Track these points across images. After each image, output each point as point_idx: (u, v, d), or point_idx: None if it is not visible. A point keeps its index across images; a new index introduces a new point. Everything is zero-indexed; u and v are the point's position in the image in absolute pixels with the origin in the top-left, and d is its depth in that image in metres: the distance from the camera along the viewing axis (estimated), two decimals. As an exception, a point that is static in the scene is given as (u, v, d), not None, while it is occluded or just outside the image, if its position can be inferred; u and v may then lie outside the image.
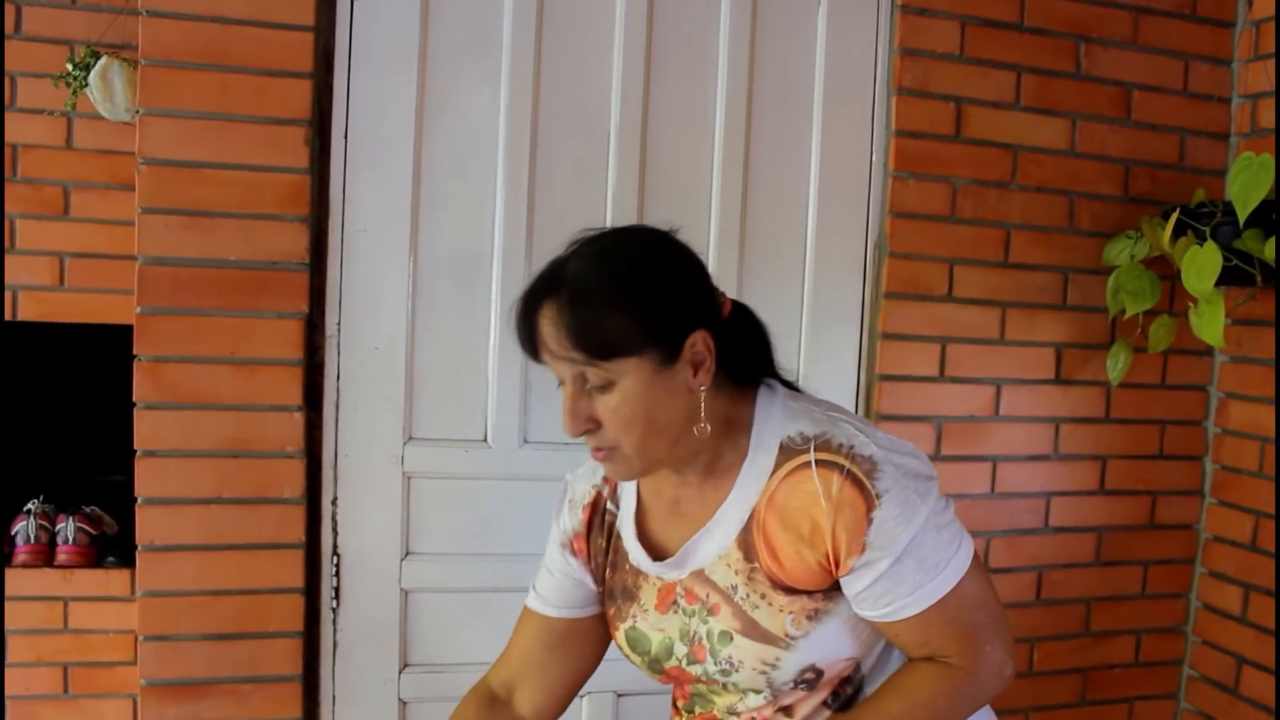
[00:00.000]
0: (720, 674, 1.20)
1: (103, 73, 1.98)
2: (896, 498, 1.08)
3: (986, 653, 1.14)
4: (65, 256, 2.20)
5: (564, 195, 1.94)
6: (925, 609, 1.10)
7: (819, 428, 1.14)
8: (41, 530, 2.17)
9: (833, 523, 1.09)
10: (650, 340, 1.09)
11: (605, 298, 1.08)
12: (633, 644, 1.29)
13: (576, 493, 1.36)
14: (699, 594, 1.20)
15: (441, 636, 1.96)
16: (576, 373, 1.11)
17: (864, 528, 1.08)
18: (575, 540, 1.33)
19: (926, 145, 2.06)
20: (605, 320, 1.07)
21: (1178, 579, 2.35)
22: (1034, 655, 2.26)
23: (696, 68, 1.98)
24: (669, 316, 1.10)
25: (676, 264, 1.16)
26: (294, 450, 1.81)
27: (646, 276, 1.11)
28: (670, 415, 1.12)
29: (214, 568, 1.80)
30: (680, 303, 1.12)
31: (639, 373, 1.09)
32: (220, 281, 1.76)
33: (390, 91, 1.85)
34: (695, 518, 1.21)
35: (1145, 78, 2.20)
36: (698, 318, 1.13)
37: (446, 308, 1.90)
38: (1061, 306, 2.18)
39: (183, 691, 1.81)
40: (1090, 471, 2.25)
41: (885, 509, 1.08)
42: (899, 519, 1.08)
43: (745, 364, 1.22)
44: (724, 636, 1.18)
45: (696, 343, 1.11)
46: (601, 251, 1.13)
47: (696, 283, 1.16)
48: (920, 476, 1.12)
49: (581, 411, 1.12)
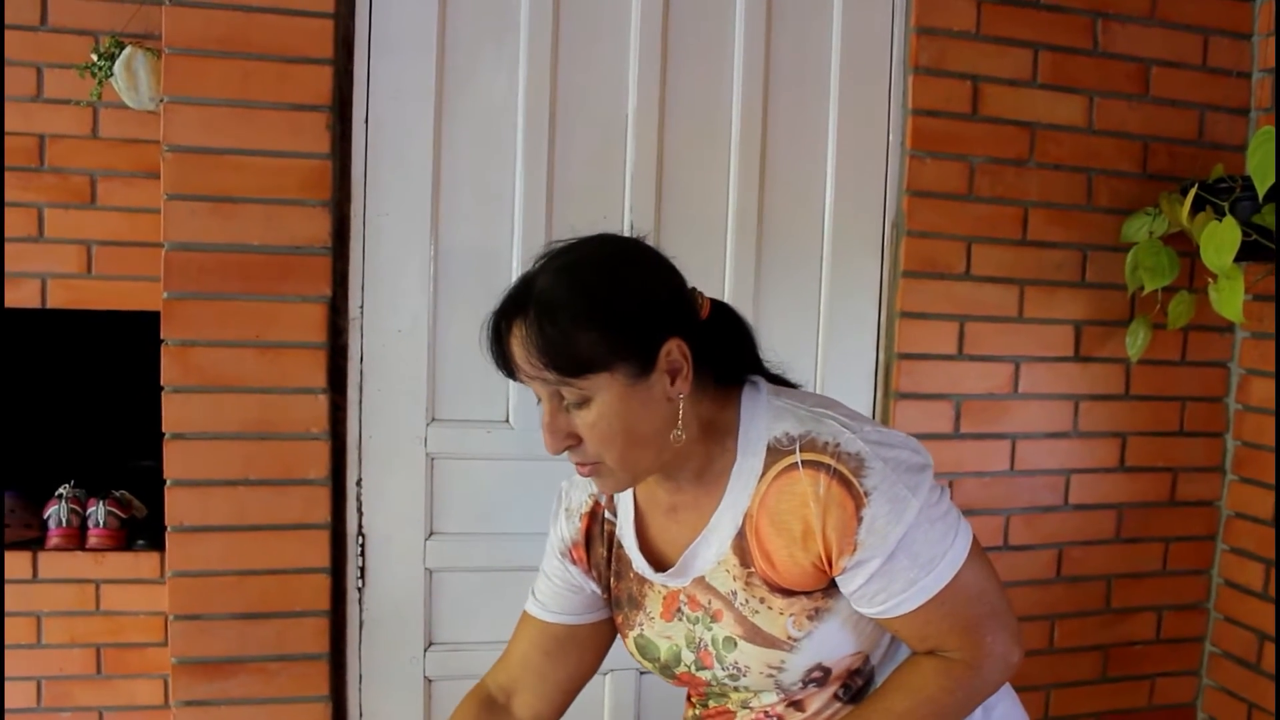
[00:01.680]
0: (729, 679, 1.20)
1: (127, 62, 2.00)
2: (886, 494, 1.06)
3: (988, 644, 1.12)
4: (93, 245, 2.23)
5: (582, 177, 1.95)
6: (921, 605, 1.09)
7: (804, 426, 1.11)
8: (73, 514, 2.21)
9: (822, 523, 1.08)
10: (622, 353, 1.07)
11: (573, 314, 1.06)
12: (642, 651, 1.28)
13: (573, 501, 1.34)
14: (701, 601, 1.19)
15: (465, 615, 1.98)
16: (551, 390, 1.09)
17: (854, 527, 1.06)
18: (574, 549, 1.32)
19: (944, 124, 2.06)
20: (574, 337, 1.05)
21: (1199, 555, 2.35)
22: (1054, 633, 2.26)
23: (713, 49, 1.99)
24: (640, 328, 1.08)
25: (645, 273, 1.12)
26: (319, 432, 1.84)
27: (614, 289, 1.08)
28: (651, 426, 1.10)
29: (241, 548, 1.83)
30: (650, 312, 1.09)
31: (614, 387, 1.07)
32: (245, 266, 1.79)
33: (409, 76, 1.87)
34: (693, 524, 1.19)
35: (1164, 53, 2.19)
36: (670, 325, 1.10)
37: (467, 290, 1.92)
38: (1080, 284, 2.18)
39: (212, 670, 1.85)
40: (1110, 448, 2.25)
41: (875, 506, 1.06)
42: (889, 516, 1.06)
43: (728, 364, 1.20)
44: (728, 643, 1.17)
45: (671, 350, 1.09)
46: (567, 266, 1.10)
47: (666, 289, 1.13)
48: (911, 468, 1.09)
49: (560, 428, 1.11)
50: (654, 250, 1.16)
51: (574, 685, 1.37)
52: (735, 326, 1.23)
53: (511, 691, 1.36)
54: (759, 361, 1.25)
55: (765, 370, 1.25)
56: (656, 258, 1.15)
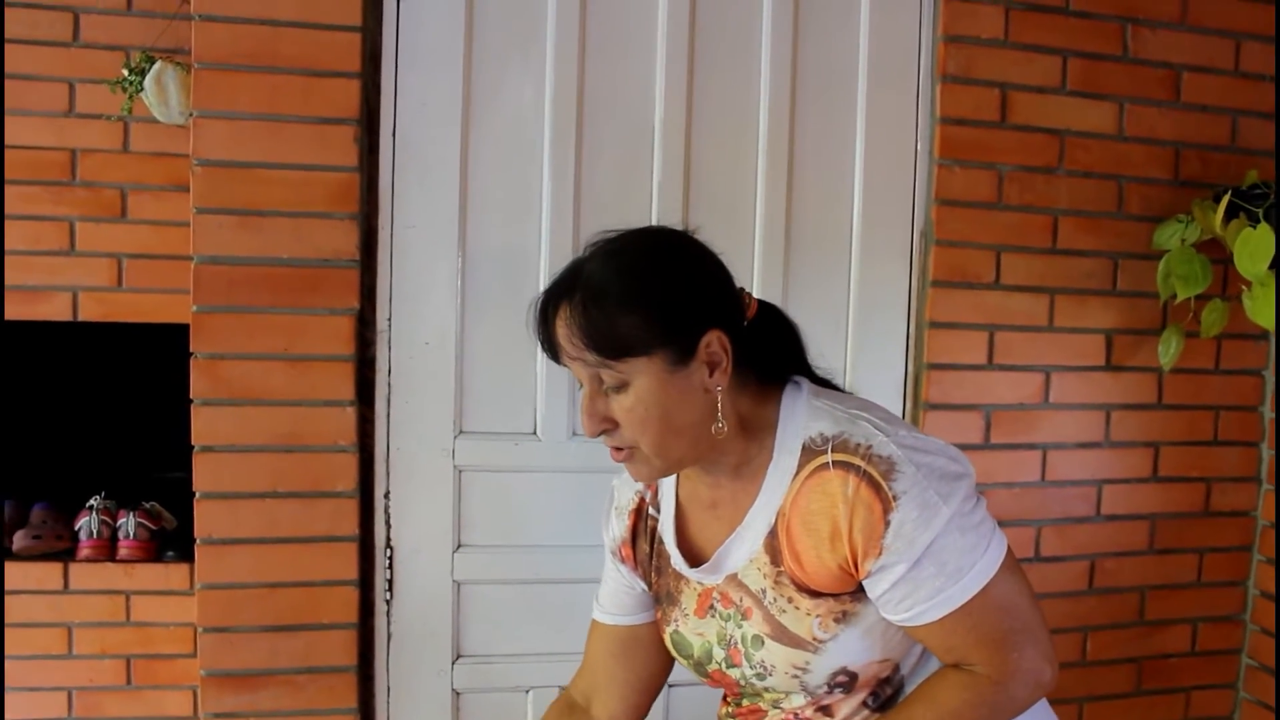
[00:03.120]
0: (756, 678, 1.20)
1: (157, 77, 2.02)
2: (915, 499, 1.06)
3: (1014, 661, 1.10)
4: (123, 258, 2.25)
5: (609, 189, 1.95)
6: (947, 614, 1.08)
7: (838, 427, 1.12)
8: (104, 525, 2.23)
9: (849, 525, 1.08)
10: (662, 339, 1.09)
11: (617, 298, 1.09)
12: (677, 647, 1.30)
13: (621, 499, 1.37)
14: (733, 598, 1.20)
15: (493, 628, 1.98)
16: (592, 373, 1.12)
17: (881, 530, 1.06)
18: (623, 547, 1.35)
19: (972, 132, 2.04)
20: (616, 320, 1.08)
21: (1235, 566, 2.32)
22: (1087, 645, 2.24)
23: (740, 58, 1.98)
24: (681, 316, 1.10)
25: (691, 264, 1.15)
26: (347, 444, 1.84)
27: (658, 276, 1.11)
28: (686, 415, 1.12)
29: (270, 561, 1.83)
30: (693, 302, 1.12)
31: (652, 372, 1.09)
32: (273, 279, 1.79)
33: (436, 89, 1.87)
34: (729, 520, 1.21)
35: (1195, 58, 2.16)
36: (713, 318, 1.12)
37: (494, 302, 1.92)
38: (1111, 292, 2.16)
39: (241, 682, 1.85)
40: (1143, 458, 2.22)
41: (903, 511, 1.06)
42: (917, 521, 1.06)
43: (773, 363, 1.21)
44: (756, 641, 1.18)
45: (711, 342, 1.11)
46: (615, 252, 1.14)
47: (712, 283, 1.15)
48: (946, 476, 1.09)
49: (598, 411, 1.13)
50: (703, 244, 1.18)
51: (647, 685, 1.39)
52: (782, 328, 1.24)
53: (590, 696, 1.40)
54: (805, 363, 1.25)
55: (812, 373, 1.25)
56: (704, 251, 1.17)
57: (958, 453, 1.13)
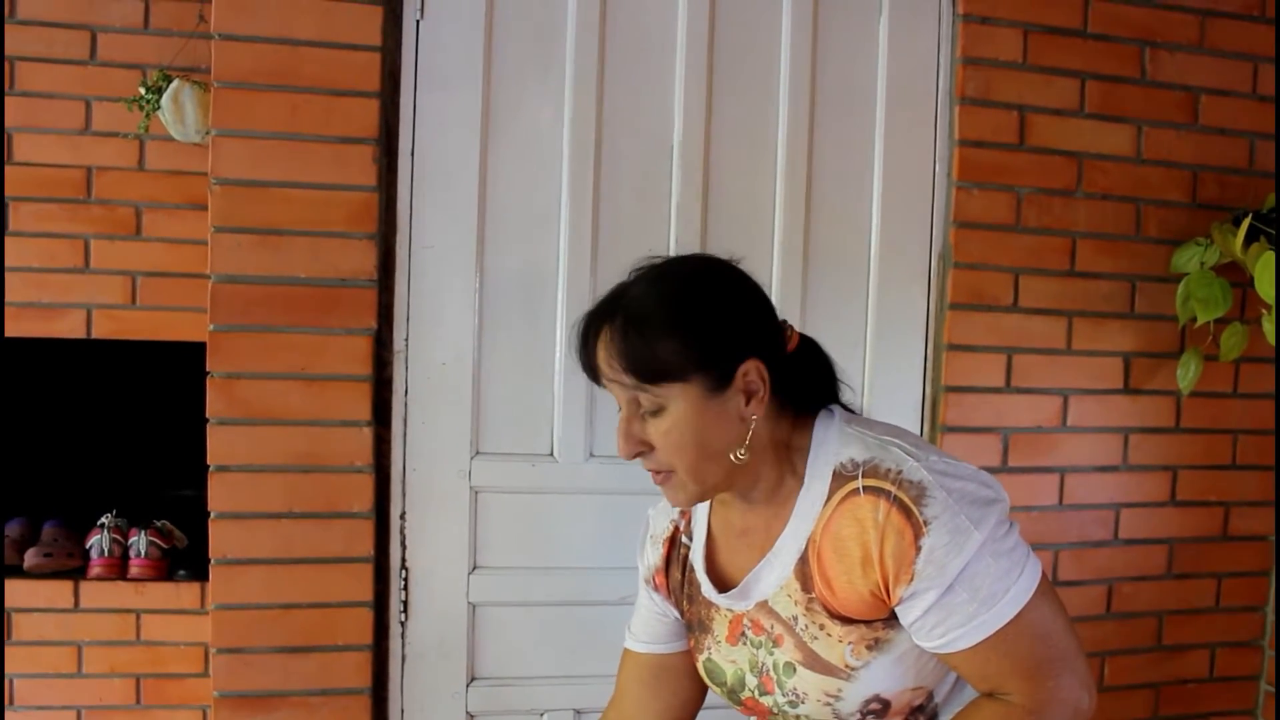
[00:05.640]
0: (789, 705, 1.19)
1: (174, 95, 2.03)
2: (946, 525, 1.05)
3: (1050, 689, 1.08)
4: (137, 275, 2.25)
5: (628, 210, 1.94)
6: (980, 641, 1.06)
7: (869, 453, 1.12)
8: (115, 544, 2.22)
9: (880, 550, 1.07)
10: (699, 366, 1.09)
11: (657, 323, 1.10)
12: (710, 675, 1.29)
13: (656, 528, 1.37)
14: (765, 625, 1.19)
15: (508, 650, 1.96)
16: (630, 396, 1.12)
17: (912, 556, 1.05)
18: (656, 575, 1.35)
19: (990, 154, 2.04)
20: (656, 345, 1.09)
21: (1253, 591, 2.30)
22: (1105, 670, 2.21)
23: (758, 80, 1.98)
24: (720, 343, 1.11)
25: (732, 293, 1.16)
26: (363, 465, 1.83)
27: (699, 303, 1.12)
28: (721, 441, 1.13)
29: (285, 581, 1.82)
30: (733, 331, 1.12)
31: (689, 398, 1.10)
32: (291, 299, 1.79)
33: (455, 109, 1.87)
34: (760, 547, 1.20)
35: (1213, 81, 2.16)
36: (751, 347, 1.12)
37: (512, 323, 1.91)
38: (1129, 315, 2.15)
39: (254, 704, 1.83)
40: (1161, 482, 2.21)
41: (934, 536, 1.05)
42: (949, 547, 1.04)
43: (808, 394, 1.22)
44: (788, 668, 1.17)
45: (750, 371, 1.11)
46: (658, 278, 1.15)
47: (753, 313, 1.16)
48: (977, 501, 1.07)
49: (634, 434, 1.14)
50: (746, 275, 1.18)
51: (679, 715, 1.38)
52: (820, 362, 1.25)
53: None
54: (837, 395, 1.25)
55: (842, 404, 1.25)
56: (747, 282, 1.18)
57: (990, 479, 1.11)
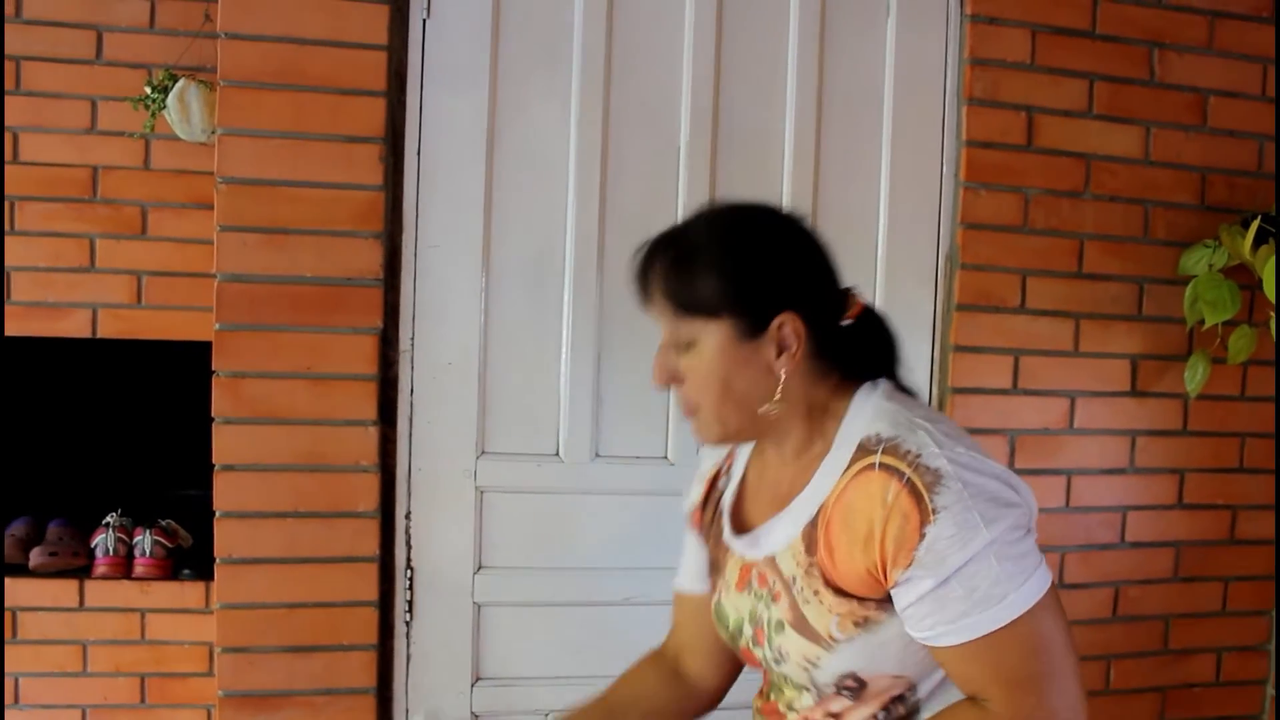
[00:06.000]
0: (774, 662, 1.20)
1: (180, 95, 2.03)
2: (955, 516, 1.01)
3: (1030, 706, 1.03)
4: (143, 275, 2.25)
5: (635, 209, 1.94)
6: (967, 642, 1.03)
7: (895, 431, 1.08)
8: (120, 543, 2.22)
9: (883, 530, 1.04)
10: (733, 306, 1.10)
11: (702, 257, 1.12)
12: (717, 617, 1.30)
13: (704, 466, 1.39)
14: (768, 579, 1.19)
15: (513, 650, 1.96)
16: (670, 326, 1.15)
17: (915, 542, 1.02)
18: (695, 513, 1.37)
19: (998, 155, 2.03)
20: (696, 278, 1.11)
21: (1260, 595, 2.29)
22: (1111, 673, 2.21)
23: (765, 79, 1.98)
24: (759, 289, 1.11)
25: (783, 243, 1.15)
26: (368, 464, 1.83)
27: (747, 247, 1.13)
28: (745, 389, 1.13)
29: (290, 581, 1.82)
30: (775, 280, 1.12)
31: (719, 337, 1.11)
32: (297, 298, 1.79)
33: (462, 108, 1.87)
34: (779, 502, 1.20)
35: (1221, 83, 2.15)
36: (792, 301, 1.11)
37: (518, 322, 1.91)
38: (1137, 317, 2.14)
39: (259, 703, 1.83)
40: (1168, 485, 2.20)
41: (940, 526, 1.01)
42: (953, 539, 1.01)
43: (861, 364, 1.20)
44: (779, 626, 1.17)
45: (785, 324, 1.11)
46: (718, 217, 1.18)
47: (803, 267, 1.15)
48: (995, 500, 1.03)
49: (667, 365, 1.16)
50: (808, 232, 1.18)
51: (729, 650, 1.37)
52: (881, 334, 1.23)
53: (678, 652, 1.42)
54: (892, 370, 1.23)
55: (897, 381, 1.23)
56: (805, 238, 1.17)
57: (1019, 482, 1.08)
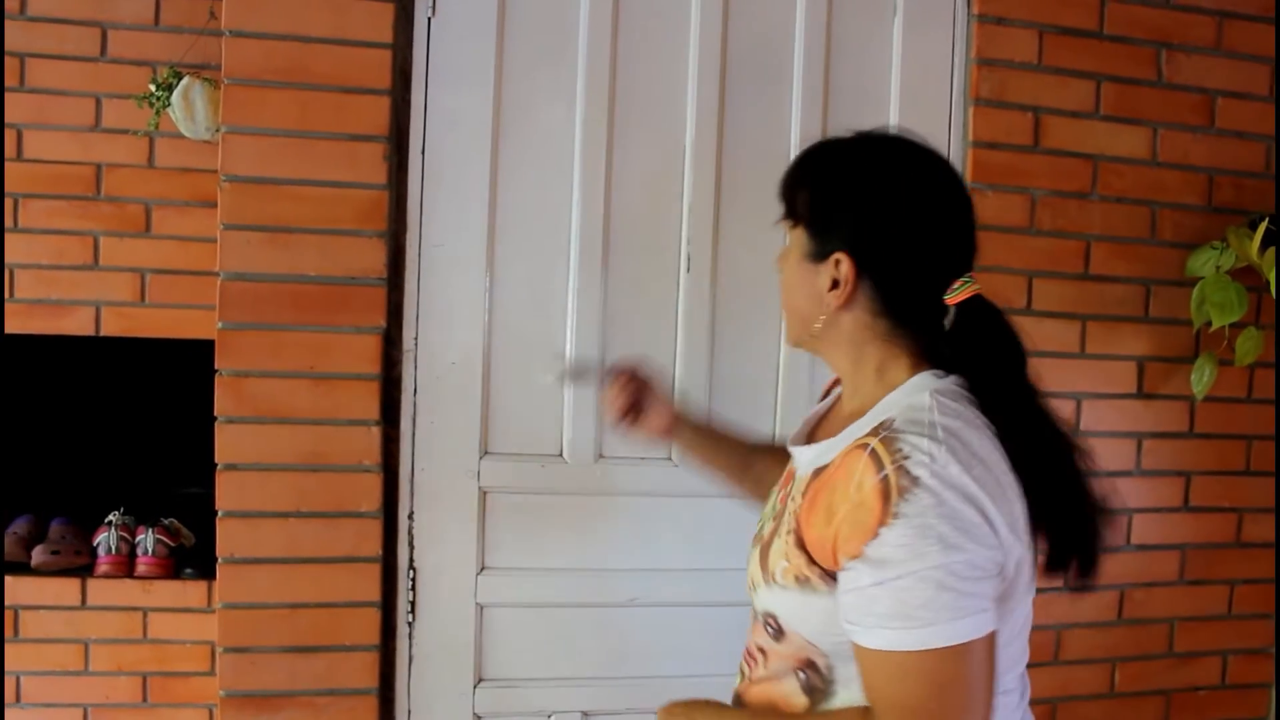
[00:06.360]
0: (746, 564, 1.23)
1: (185, 92, 2.02)
2: (913, 528, 0.96)
3: None
4: (146, 273, 2.24)
5: (640, 208, 1.93)
6: (877, 649, 1.00)
7: (905, 426, 1.02)
8: (122, 542, 2.22)
9: (844, 514, 1.01)
10: (807, 221, 1.14)
11: (815, 168, 1.16)
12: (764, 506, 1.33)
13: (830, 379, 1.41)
14: (786, 496, 1.19)
15: (516, 651, 1.95)
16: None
17: (868, 538, 0.98)
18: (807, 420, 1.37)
19: (1005, 156, 2.02)
20: (799, 185, 1.15)
21: (1265, 598, 2.28)
22: (1116, 676, 2.20)
23: (771, 79, 1.97)
24: (831, 219, 1.12)
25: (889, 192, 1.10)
26: (371, 464, 1.82)
27: (849, 177, 1.13)
28: (801, 306, 1.17)
29: (292, 581, 1.81)
30: (850, 218, 1.10)
31: (796, 246, 1.16)
32: (300, 297, 1.78)
33: (466, 107, 1.86)
34: (823, 433, 1.23)
35: (1229, 84, 2.14)
36: (859, 247, 1.09)
37: (522, 323, 1.91)
38: (1143, 319, 2.13)
39: (261, 703, 1.82)
40: (1174, 488, 2.19)
41: (894, 531, 0.96)
42: (902, 548, 0.96)
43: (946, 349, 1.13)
44: (759, 537, 1.22)
45: (841, 262, 1.10)
46: (853, 142, 1.17)
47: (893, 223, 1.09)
48: (964, 530, 0.96)
49: (780, 258, 1.22)
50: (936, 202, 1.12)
51: None
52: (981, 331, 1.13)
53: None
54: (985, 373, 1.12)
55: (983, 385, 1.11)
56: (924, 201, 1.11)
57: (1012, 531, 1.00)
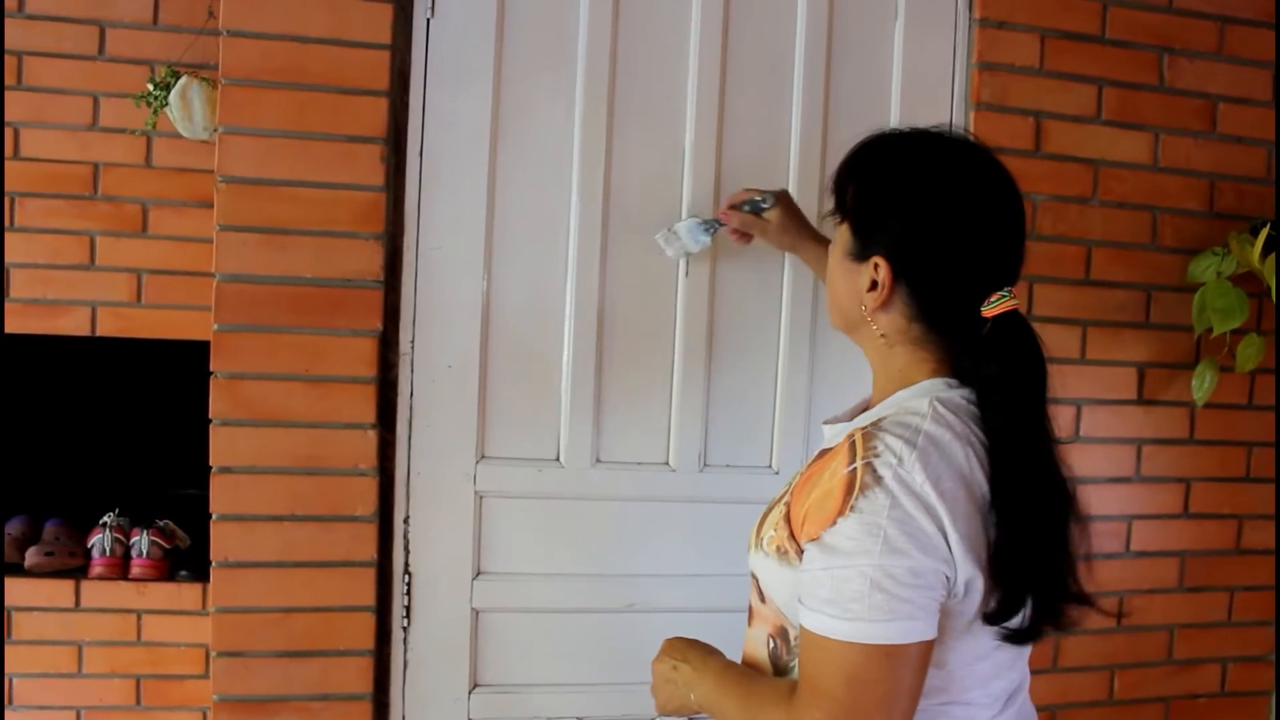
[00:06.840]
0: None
1: (182, 92, 2.01)
2: (864, 524, 0.99)
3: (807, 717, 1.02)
4: (143, 273, 2.23)
5: (638, 212, 1.92)
6: (809, 630, 1.03)
7: (891, 426, 1.04)
8: (117, 543, 2.21)
9: (814, 498, 1.05)
10: (852, 219, 1.16)
11: (865, 164, 1.16)
12: None
13: None
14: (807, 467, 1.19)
15: (512, 657, 1.94)
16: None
17: (827, 524, 1.02)
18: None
19: (1006, 161, 1.94)
20: (850, 178, 1.16)
21: (1266, 606, 2.27)
22: (1115, 683, 2.19)
23: (772, 81, 1.96)
24: (875, 221, 1.13)
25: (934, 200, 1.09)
26: (367, 468, 1.81)
27: (898, 181, 1.12)
28: (841, 299, 1.19)
29: (286, 585, 1.80)
30: (892, 224, 1.11)
31: (841, 240, 1.18)
32: (296, 299, 1.77)
33: (465, 108, 1.85)
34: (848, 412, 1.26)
35: (1231, 89, 2.13)
36: (897, 253, 1.10)
37: (520, 326, 1.89)
38: (1144, 325, 2.12)
39: (254, 708, 1.81)
40: (1174, 494, 2.18)
41: (848, 523, 1.00)
42: (851, 540, 0.99)
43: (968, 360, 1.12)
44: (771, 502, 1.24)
45: (878, 265, 1.11)
46: (908, 138, 1.17)
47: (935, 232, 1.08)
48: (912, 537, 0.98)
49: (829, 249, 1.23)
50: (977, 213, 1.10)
51: None
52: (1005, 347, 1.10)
53: None
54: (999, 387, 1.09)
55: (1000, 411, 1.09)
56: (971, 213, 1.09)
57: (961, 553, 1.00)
